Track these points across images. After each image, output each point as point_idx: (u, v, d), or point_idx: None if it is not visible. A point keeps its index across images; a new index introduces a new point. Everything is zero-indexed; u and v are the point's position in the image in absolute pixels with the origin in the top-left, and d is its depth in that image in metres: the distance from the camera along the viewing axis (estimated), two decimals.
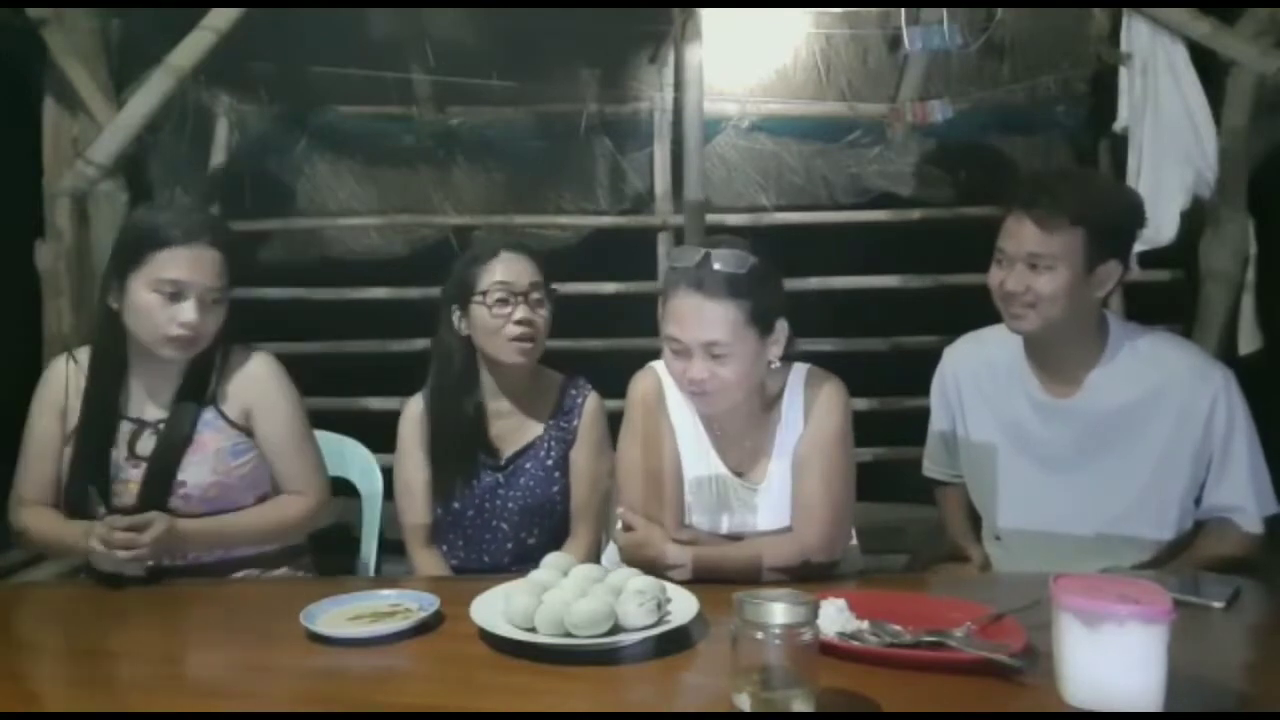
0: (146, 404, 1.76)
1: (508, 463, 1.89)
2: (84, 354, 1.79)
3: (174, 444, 1.71)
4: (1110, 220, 1.66)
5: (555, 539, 1.89)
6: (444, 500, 1.88)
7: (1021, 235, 1.65)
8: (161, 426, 1.73)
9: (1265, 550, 1.70)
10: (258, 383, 1.79)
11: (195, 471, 1.71)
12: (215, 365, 1.76)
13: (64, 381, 1.76)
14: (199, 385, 1.75)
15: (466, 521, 1.89)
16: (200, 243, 1.67)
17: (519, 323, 1.80)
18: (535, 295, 1.83)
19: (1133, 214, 1.73)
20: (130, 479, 1.71)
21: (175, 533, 1.61)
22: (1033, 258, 1.64)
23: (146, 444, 1.72)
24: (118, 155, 2.98)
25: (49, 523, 1.72)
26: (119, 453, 1.72)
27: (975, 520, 1.93)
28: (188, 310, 1.65)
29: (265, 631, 1.43)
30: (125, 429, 1.73)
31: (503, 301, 1.80)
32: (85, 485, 1.71)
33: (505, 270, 1.82)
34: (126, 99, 2.98)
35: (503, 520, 1.88)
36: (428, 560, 1.90)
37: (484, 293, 1.81)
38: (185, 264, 1.65)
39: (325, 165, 3.91)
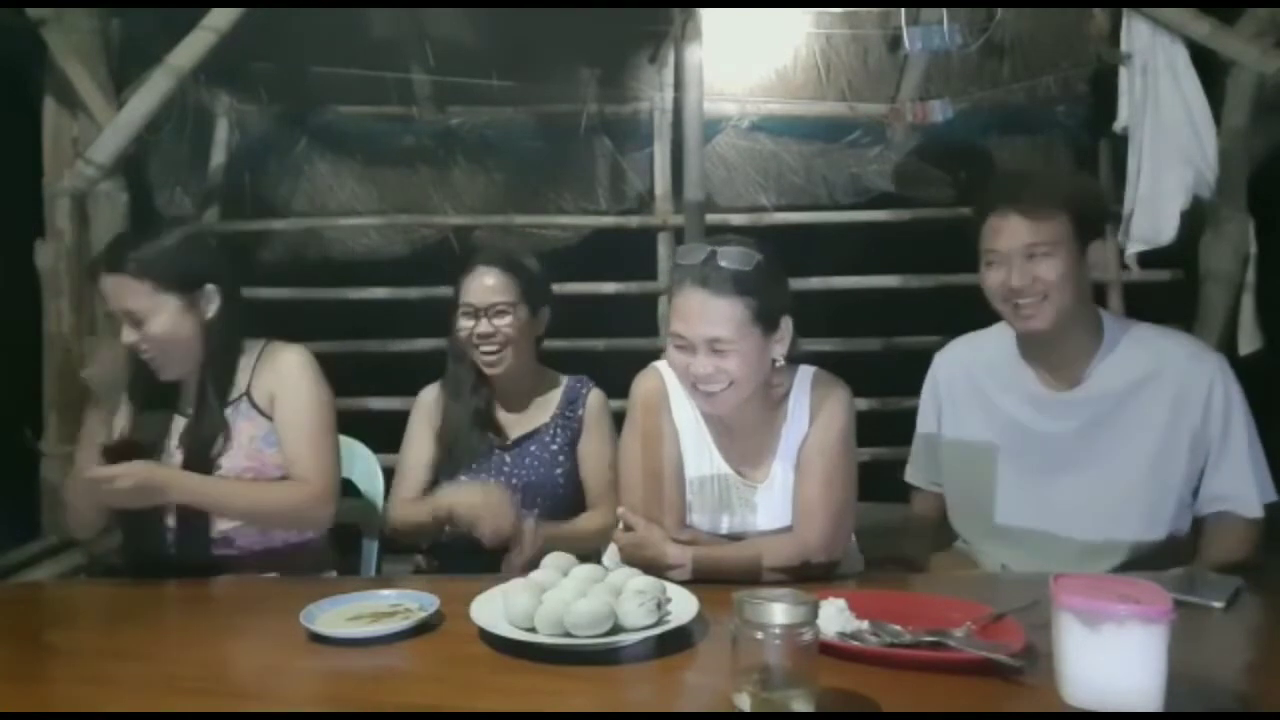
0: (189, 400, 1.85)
1: (514, 444, 2.02)
2: None
3: (203, 432, 1.78)
4: (1088, 201, 1.74)
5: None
6: (453, 476, 1.99)
7: (1012, 230, 1.68)
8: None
9: (1265, 551, 1.70)
10: (283, 372, 1.85)
11: (230, 457, 1.78)
12: (247, 359, 1.85)
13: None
14: (219, 379, 1.82)
15: None
16: (115, 273, 1.74)
17: (480, 335, 1.96)
18: (499, 308, 1.96)
19: (1100, 196, 1.81)
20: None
21: (156, 476, 1.67)
22: (1030, 248, 1.66)
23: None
24: (118, 155, 2.97)
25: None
26: (171, 443, 1.80)
27: (943, 533, 1.94)
28: (127, 335, 1.75)
29: (265, 631, 1.43)
30: (178, 423, 1.82)
31: (466, 316, 1.98)
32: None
33: (471, 287, 1.98)
34: (126, 99, 2.97)
35: None
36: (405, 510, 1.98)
37: (458, 306, 2.00)
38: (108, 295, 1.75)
39: (325, 165, 3.91)
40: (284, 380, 1.84)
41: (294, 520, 1.82)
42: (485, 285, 1.97)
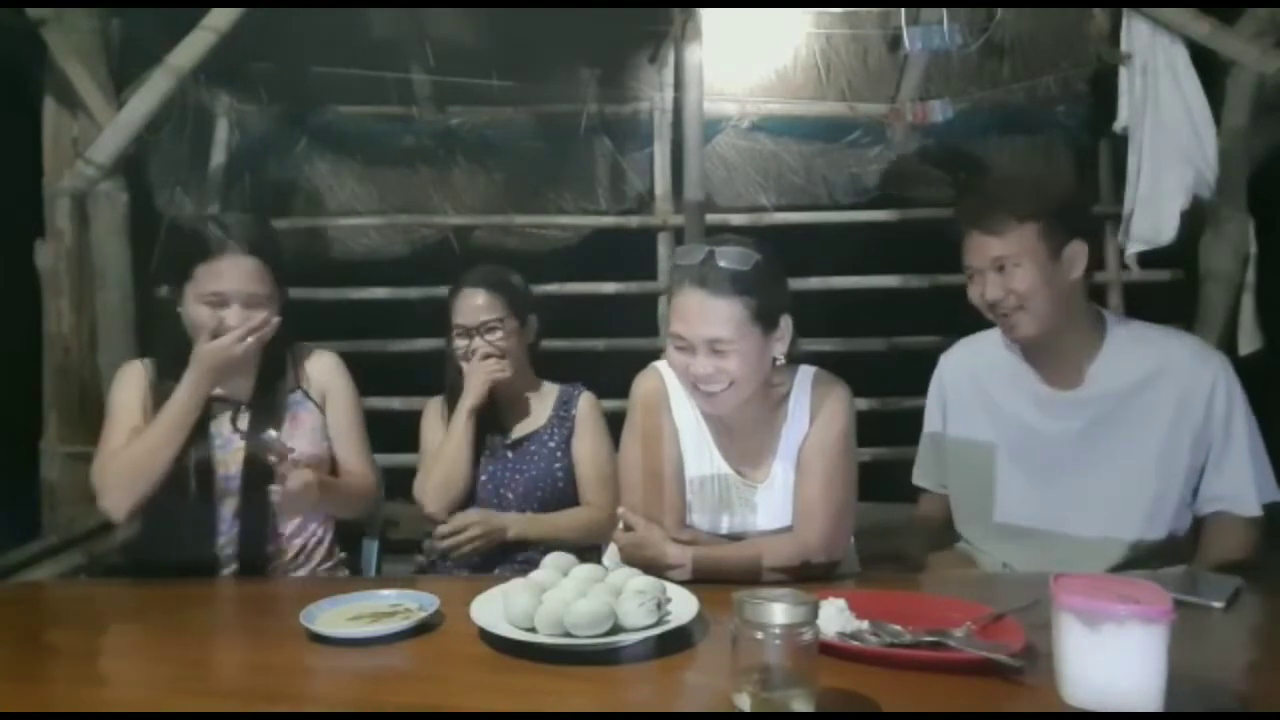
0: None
1: (515, 443, 2.16)
2: None
3: (268, 422, 1.82)
4: (1055, 205, 1.72)
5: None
6: None
7: (980, 247, 1.71)
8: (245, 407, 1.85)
9: (1265, 550, 1.70)
10: (329, 372, 1.95)
11: (302, 442, 1.83)
12: (290, 355, 1.92)
13: None
14: (282, 371, 1.90)
15: (478, 487, 2.12)
16: (251, 256, 1.77)
17: (480, 355, 2.09)
18: (490, 325, 2.09)
19: (1070, 195, 1.82)
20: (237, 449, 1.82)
21: (309, 477, 1.70)
22: (997, 261, 1.69)
23: (244, 420, 1.85)
24: (118, 155, 2.98)
25: None
26: (224, 430, 1.83)
27: (947, 534, 1.94)
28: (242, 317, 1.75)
29: (265, 631, 1.43)
30: (228, 409, 1.85)
31: (460, 335, 2.13)
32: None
33: (460, 309, 2.12)
34: (126, 99, 2.97)
35: (509, 490, 2.12)
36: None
37: (452, 326, 2.14)
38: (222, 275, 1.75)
39: (325, 165, 3.91)
40: (331, 380, 1.93)
41: (355, 508, 1.94)
42: (474, 305, 2.11)
